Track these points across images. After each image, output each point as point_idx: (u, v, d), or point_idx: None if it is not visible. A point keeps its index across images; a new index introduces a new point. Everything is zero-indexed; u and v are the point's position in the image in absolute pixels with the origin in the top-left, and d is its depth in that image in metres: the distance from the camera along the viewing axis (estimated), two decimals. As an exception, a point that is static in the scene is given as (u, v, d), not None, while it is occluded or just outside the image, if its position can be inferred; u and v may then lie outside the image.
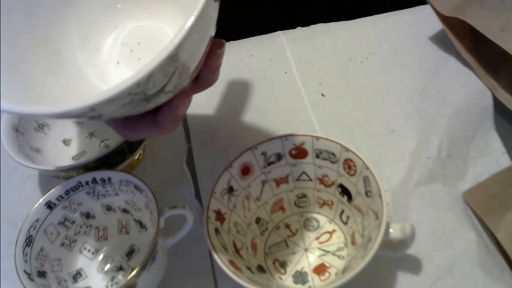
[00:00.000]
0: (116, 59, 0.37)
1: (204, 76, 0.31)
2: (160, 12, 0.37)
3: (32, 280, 0.34)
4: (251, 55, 0.55)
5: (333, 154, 0.38)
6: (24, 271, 0.34)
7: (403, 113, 0.47)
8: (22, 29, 0.34)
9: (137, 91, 0.25)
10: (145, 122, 0.29)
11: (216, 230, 0.36)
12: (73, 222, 0.40)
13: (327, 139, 0.38)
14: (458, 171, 0.42)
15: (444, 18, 0.48)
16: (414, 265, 0.37)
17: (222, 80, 0.52)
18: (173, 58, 0.25)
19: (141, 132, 0.30)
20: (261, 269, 0.38)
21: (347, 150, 0.37)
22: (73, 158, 0.47)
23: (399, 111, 0.47)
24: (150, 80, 0.25)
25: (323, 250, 0.39)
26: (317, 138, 0.38)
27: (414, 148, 0.44)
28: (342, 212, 0.40)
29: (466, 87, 0.47)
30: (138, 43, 0.37)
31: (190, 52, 0.27)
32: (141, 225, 0.41)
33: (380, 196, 0.34)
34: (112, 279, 0.40)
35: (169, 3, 0.36)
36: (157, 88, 0.26)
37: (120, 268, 0.40)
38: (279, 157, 0.40)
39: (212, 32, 0.29)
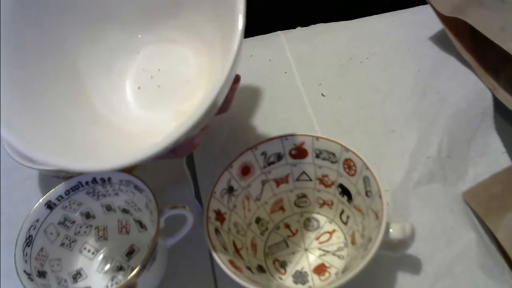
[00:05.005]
0: (137, 84, 0.38)
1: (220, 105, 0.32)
2: (181, 38, 0.38)
3: (32, 280, 0.34)
4: (251, 55, 0.55)
5: (333, 154, 0.38)
6: (24, 271, 0.34)
7: (403, 113, 0.47)
8: (50, 63, 0.35)
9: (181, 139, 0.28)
10: None
11: (216, 230, 0.36)
12: (73, 222, 0.40)
13: (327, 139, 0.38)
14: (458, 171, 0.42)
15: (444, 18, 0.48)
16: (414, 265, 0.37)
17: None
18: (212, 107, 0.27)
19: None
20: (261, 269, 0.38)
21: (347, 150, 0.37)
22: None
23: (399, 111, 0.47)
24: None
25: (323, 250, 0.39)
26: (317, 138, 0.38)
27: (414, 148, 0.44)
28: (342, 212, 0.40)
29: (466, 87, 0.47)
30: (159, 70, 0.38)
31: (221, 97, 0.29)
32: (141, 225, 0.41)
33: (380, 196, 0.34)
34: (112, 279, 0.40)
35: (190, 32, 0.37)
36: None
37: (120, 268, 0.40)
38: (279, 157, 0.40)
39: (236, 71, 0.31)
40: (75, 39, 0.37)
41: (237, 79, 0.33)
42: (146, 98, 0.38)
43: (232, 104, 0.34)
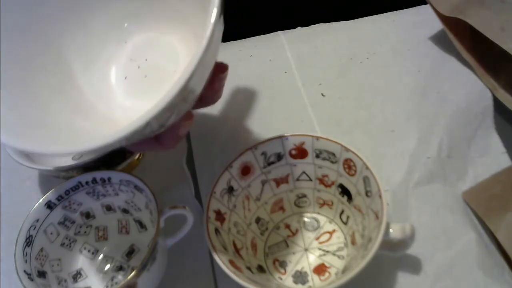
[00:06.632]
0: (124, 74, 0.38)
1: (207, 96, 0.32)
2: (168, 27, 0.38)
3: (32, 280, 0.34)
4: (251, 55, 0.55)
5: (333, 154, 0.38)
6: (24, 271, 0.34)
7: (403, 113, 0.47)
8: (35, 50, 0.35)
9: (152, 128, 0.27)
10: (148, 139, 0.30)
11: (216, 230, 0.36)
12: (73, 222, 0.40)
13: (327, 139, 0.38)
14: (458, 171, 0.42)
15: (444, 18, 0.48)
16: (414, 265, 0.37)
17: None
18: (184, 90, 0.26)
19: (143, 146, 0.31)
20: (261, 269, 0.38)
21: (347, 150, 0.37)
22: (73, 158, 0.47)
23: (399, 111, 0.47)
24: (161, 115, 0.26)
25: (323, 250, 0.39)
26: (317, 138, 0.39)
27: (414, 148, 0.44)
28: (342, 212, 0.40)
29: (466, 87, 0.47)
30: (146, 60, 0.38)
31: (196, 82, 0.28)
32: (141, 225, 0.41)
33: (380, 196, 0.34)
34: (112, 279, 0.40)
35: (177, 20, 0.37)
36: (167, 117, 0.28)
37: (120, 268, 0.40)
38: (279, 157, 0.40)
39: (216, 58, 0.30)
40: (59, 25, 0.36)
41: (223, 68, 0.32)
42: (132, 89, 0.38)
43: (221, 95, 0.33)
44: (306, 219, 0.42)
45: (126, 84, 0.38)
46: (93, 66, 0.38)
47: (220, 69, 0.32)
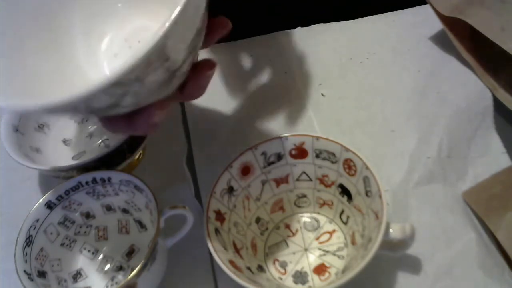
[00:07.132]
0: (115, 52, 0.37)
1: (190, 90, 0.31)
2: (165, 12, 0.37)
3: (32, 280, 0.34)
4: (251, 55, 0.55)
5: (333, 154, 0.38)
6: (24, 271, 0.34)
7: (403, 113, 0.47)
8: (27, 12, 0.34)
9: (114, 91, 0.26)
10: (121, 120, 0.30)
11: (216, 230, 0.36)
12: (73, 222, 0.40)
13: (327, 139, 0.38)
14: (458, 171, 0.42)
15: (444, 18, 0.48)
16: (414, 265, 0.37)
17: (222, 80, 0.52)
18: (159, 51, 0.25)
19: (117, 127, 0.30)
20: (261, 269, 0.38)
21: (347, 150, 0.37)
22: (73, 158, 0.47)
23: (399, 111, 0.47)
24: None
25: (323, 250, 0.39)
26: (317, 138, 0.39)
27: (414, 148, 0.44)
28: (342, 212, 0.40)
29: (466, 87, 0.47)
30: (139, 41, 0.37)
31: (177, 46, 0.27)
32: (141, 225, 0.41)
33: (380, 196, 0.34)
34: (112, 279, 0.40)
35: (174, 8, 0.37)
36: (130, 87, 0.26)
37: (120, 268, 0.40)
38: (279, 157, 0.40)
39: (198, 43, 0.29)
40: None
41: (212, 65, 0.31)
42: (119, 66, 0.37)
43: (203, 92, 0.32)
44: (306, 219, 0.42)
45: (115, 62, 0.37)
46: (85, 38, 0.37)
47: (207, 66, 0.31)
